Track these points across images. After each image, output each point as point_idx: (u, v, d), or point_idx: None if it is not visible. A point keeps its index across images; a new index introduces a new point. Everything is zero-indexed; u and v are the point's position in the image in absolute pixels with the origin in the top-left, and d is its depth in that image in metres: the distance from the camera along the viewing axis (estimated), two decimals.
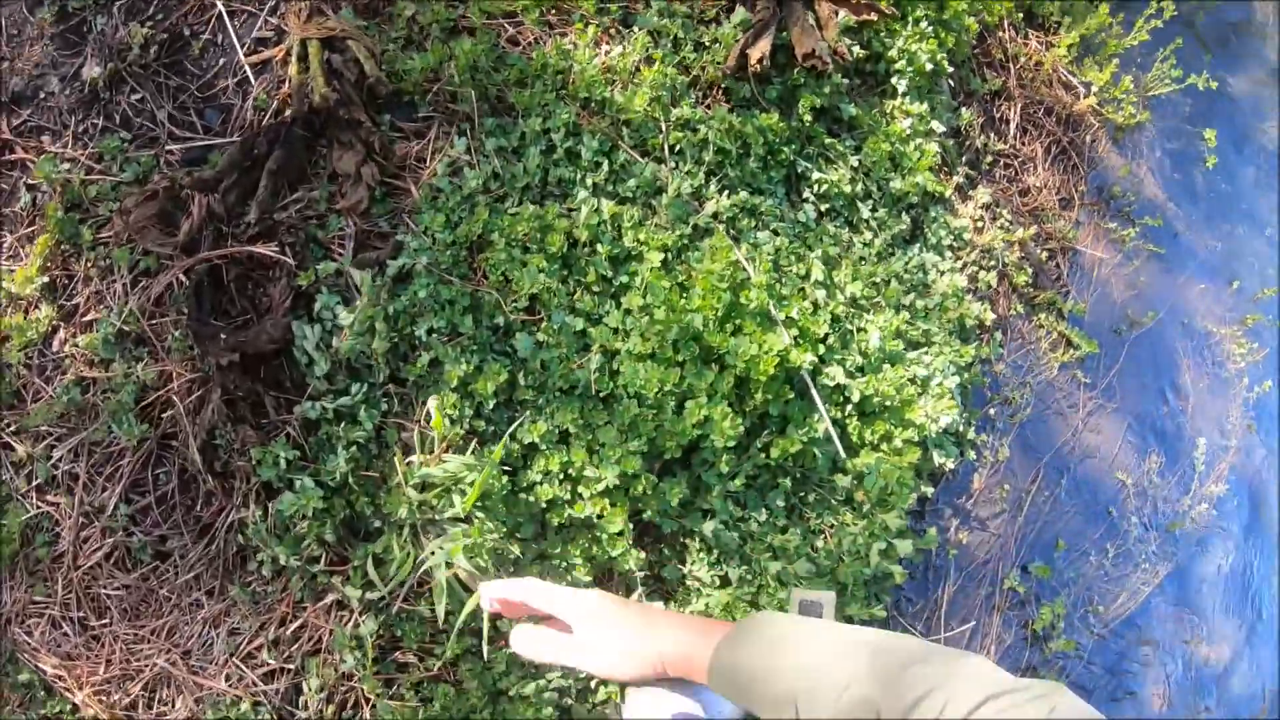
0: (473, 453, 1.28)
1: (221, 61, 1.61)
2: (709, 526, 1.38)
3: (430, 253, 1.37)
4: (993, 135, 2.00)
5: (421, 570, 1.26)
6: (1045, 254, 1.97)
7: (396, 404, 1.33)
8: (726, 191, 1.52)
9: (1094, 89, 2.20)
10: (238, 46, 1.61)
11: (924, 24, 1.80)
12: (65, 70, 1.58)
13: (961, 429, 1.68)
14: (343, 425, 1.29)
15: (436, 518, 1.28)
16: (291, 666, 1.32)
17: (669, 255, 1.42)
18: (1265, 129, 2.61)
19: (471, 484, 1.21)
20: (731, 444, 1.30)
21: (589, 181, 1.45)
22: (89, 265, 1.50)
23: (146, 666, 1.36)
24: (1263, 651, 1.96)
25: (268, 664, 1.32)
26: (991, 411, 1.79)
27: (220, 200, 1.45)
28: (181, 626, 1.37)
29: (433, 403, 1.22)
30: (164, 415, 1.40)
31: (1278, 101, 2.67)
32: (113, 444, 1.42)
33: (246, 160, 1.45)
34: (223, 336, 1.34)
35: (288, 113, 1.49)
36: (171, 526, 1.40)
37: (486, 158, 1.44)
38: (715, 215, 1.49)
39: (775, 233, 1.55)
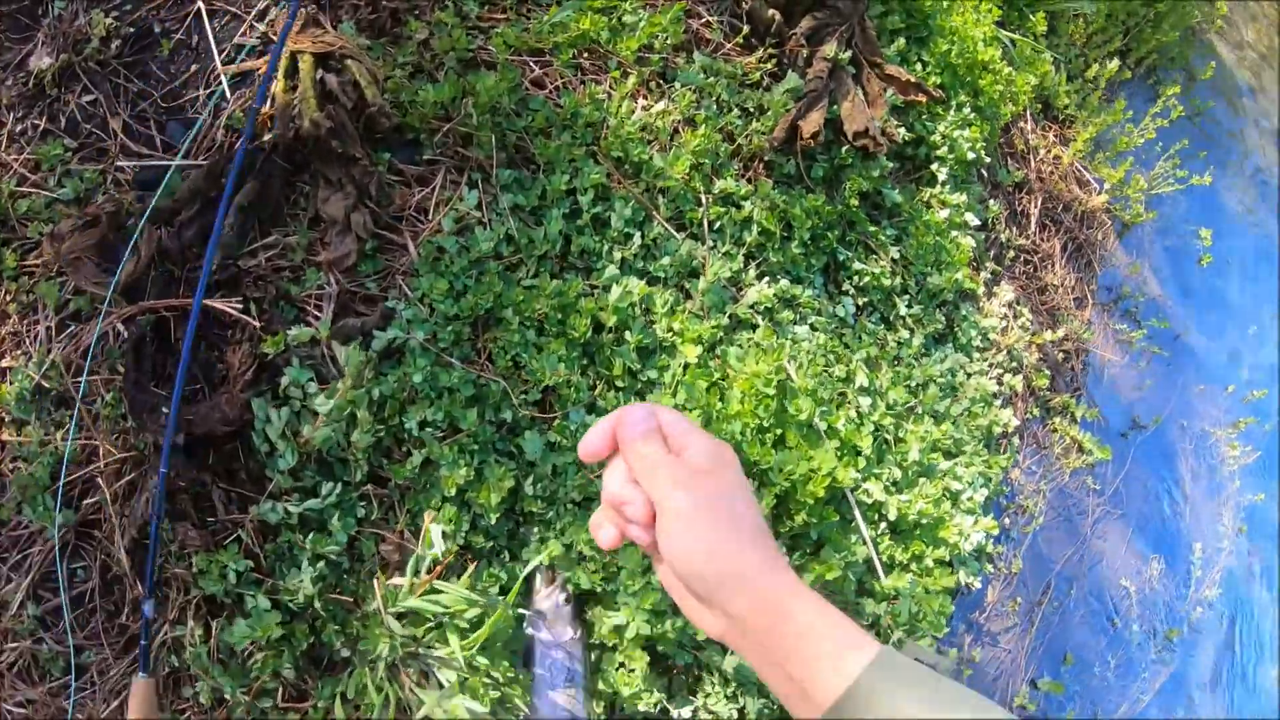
0: (470, 575, 1.00)
1: (194, 67, 1.29)
2: (730, 662, 1.14)
3: (428, 326, 1.09)
4: (1014, 230, 1.85)
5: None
6: (1061, 355, 1.83)
7: (376, 509, 1.05)
8: (766, 279, 1.30)
9: (1105, 186, 2.09)
10: (215, 52, 1.29)
11: (966, 110, 1.63)
12: (9, 57, 1.24)
13: (982, 542, 1.50)
14: (310, 535, 1.00)
15: (420, 651, 1.00)
16: None
17: (703, 349, 1.18)
18: (1252, 228, 2.59)
19: (473, 621, 0.93)
20: None
21: (617, 255, 1.20)
22: (7, 298, 1.16)
23: None
24: None
25: None
26: (1006, 521, 1.62)
27: (175, 236, 1.13)
28: None
29: (430, 522, 0.94)
30: (88, 499, 1.07)
31: (1262, 201, 2.65)
32: (21, 527, 1.08)
33: (212, 190, 1.14)
34: (164, 410, 1.03)
35: (268, 137, 1.18)
36: (90, 635, 1.07)
37: (500, 216, 1.18)
38: (754, 305, 1.26)
39: (813, 328, 1.33)
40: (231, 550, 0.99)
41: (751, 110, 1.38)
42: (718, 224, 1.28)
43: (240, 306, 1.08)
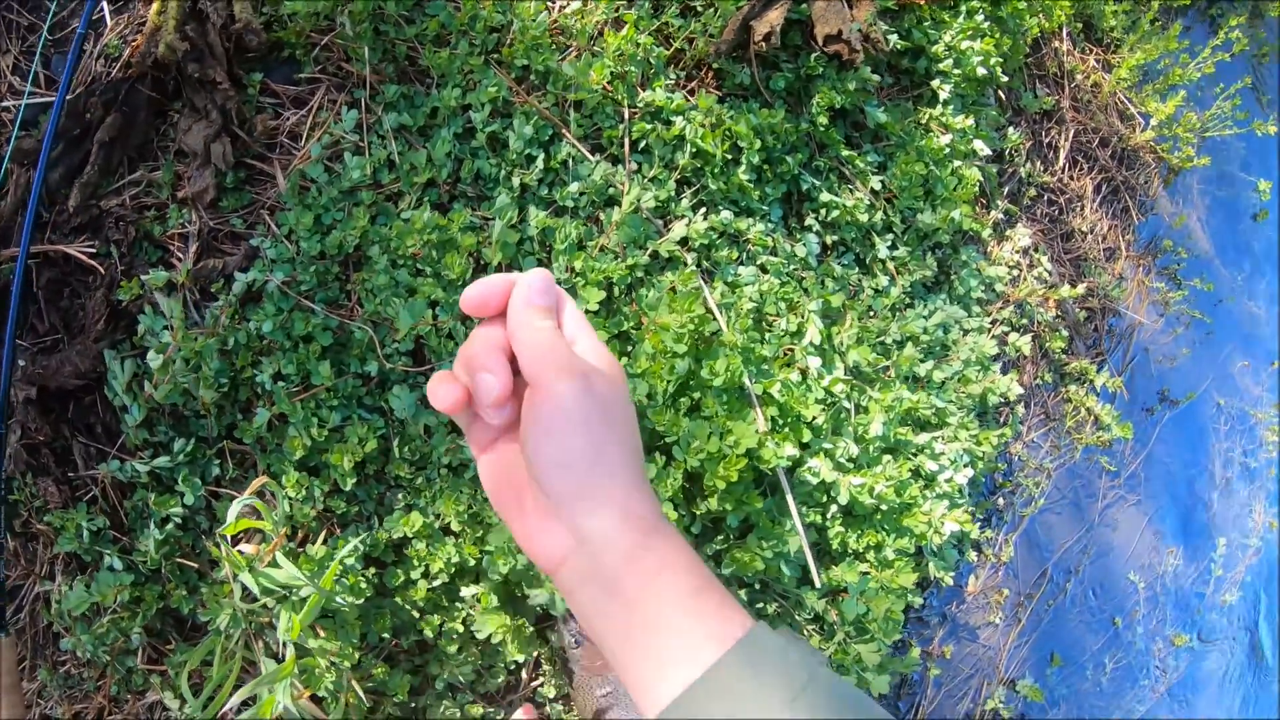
0: (324, 543, 0.74)
1: None
2: None
3: (288, 267, 0.80)
4: (1038, 164, 1.34)
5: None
6: (1084, 314, 1.34)
7: (232, 467, 0.79)
8: (704, 210, 0.92)
9: (1151, 122, 1.51)
10: None
11: (979, 17, 1.13)
12: None
13: (964, 528, 1.10)
14: (156, 494, 0.76)
15: (275, 622, 0.76)
16: None
17: (615, 293, 0.83)
18: None
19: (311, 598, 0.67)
20: None
21: (515, 181, 0.85)
22: None
23: None
24: None
25: None
26: (1000, 501, 1.20)
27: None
28: None
29: (251, 490, 0.68)
30: None
31: None
32: None
33: (76, 127, 0.88)
34: (20, 364, 0.80)
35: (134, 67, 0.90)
36: None
37: (383, 139, 0.85)
38: (684, 241, 0.89)
39: (763, 268, 0.94)
40: (83, 509, 0.77)
41: (699, 8, 0.97)
42: (643, 143, 0.90)
43: (92, 250, 0.83)
